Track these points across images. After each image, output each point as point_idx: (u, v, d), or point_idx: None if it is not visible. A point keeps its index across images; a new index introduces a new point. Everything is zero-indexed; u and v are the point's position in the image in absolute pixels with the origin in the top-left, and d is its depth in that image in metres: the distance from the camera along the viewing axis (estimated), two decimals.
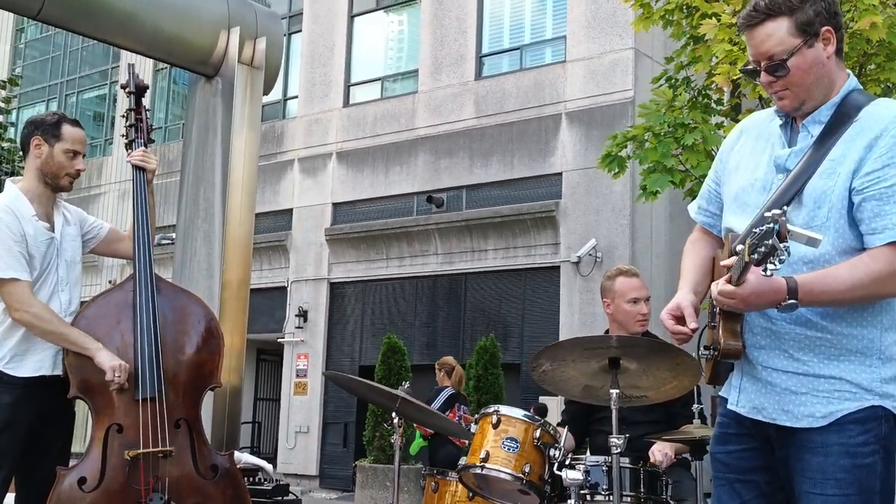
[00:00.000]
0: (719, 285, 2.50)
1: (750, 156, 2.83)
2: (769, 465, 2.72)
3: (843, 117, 2.63)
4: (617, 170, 10.67)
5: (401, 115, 18.91)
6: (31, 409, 4.00)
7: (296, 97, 20.86)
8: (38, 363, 4.04)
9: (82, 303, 4.29)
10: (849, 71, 2.77)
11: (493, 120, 17.49)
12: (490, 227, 17.09)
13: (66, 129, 4.22)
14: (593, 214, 15.91)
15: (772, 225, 2.19)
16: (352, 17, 20.28)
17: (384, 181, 18.86)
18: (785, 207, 2.29)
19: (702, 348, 2.81)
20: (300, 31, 20.92)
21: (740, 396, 2.74)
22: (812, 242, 2.26)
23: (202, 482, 4.07)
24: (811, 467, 2.57)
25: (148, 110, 4.71)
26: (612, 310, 4.82)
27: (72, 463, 4.03)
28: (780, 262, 2.22)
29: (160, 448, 3.93)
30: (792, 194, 2.60)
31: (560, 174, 16.54)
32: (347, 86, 20.05)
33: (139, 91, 4.65)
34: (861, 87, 2.74)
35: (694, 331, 2.73)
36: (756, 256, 2.25)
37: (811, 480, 2.57)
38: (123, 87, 4.69)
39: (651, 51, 15.91)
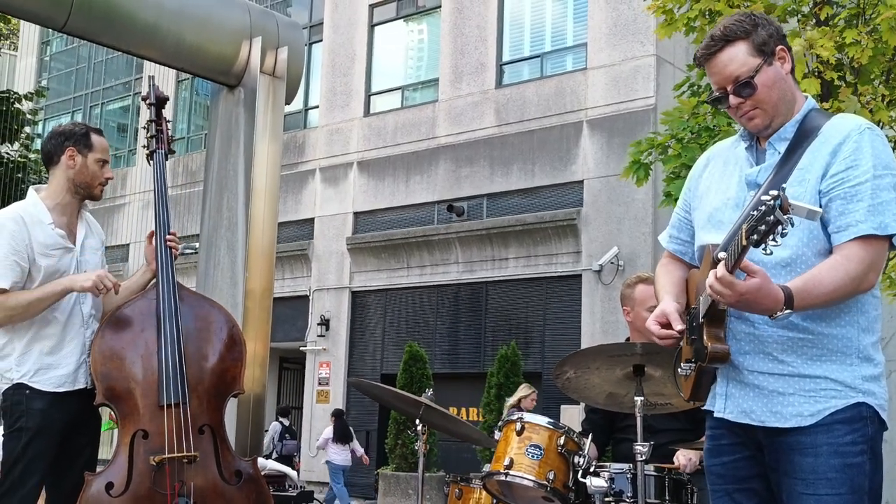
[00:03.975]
0: (717, 273, 2.49)
1: (720, 179, 2.93)
2: (765, 472, 2.77)
3: (806, 132, 2.76)
4: (642, 176, 10.63)
5: (421, 123, 18.94)
6: (61, 415, 4.03)
7: (317, 107, 20.95)
8: (62, 378, 4.05)
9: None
10: (806, 94, 2.91)
11: (514, 128, 17.49)
12: (511, 235, 17.09)
13: (95, 139, 4.27)
14: (615, 223, 15.88)
15: (772, 202, 2.24)
16: (372, 27, 20.35)
17: (405, 190, 18.90)
18: (784, 185, 2.36)
19: (681, 364, 2.83)
20: (321, 40, 21.02)
21: (727, 403, 2.79)
22: (812, 215, 2.32)
23: (227, 487, 4.09)
24: (802, 468, 2.62)
25: (169, 121, 4.75)
26: (631, 318, 4.80)
27: (98, 468, 4.06)
28: (783, 235, 2.28)
29: (185, 453, 3.95)
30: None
31: (581, 182, 16.53)
32: (368, 95, 20.12)
33: (159, 102, 4.70)
34: (818, 107, 2.88)
35: (681, 332, 2.78)
36: (756, 237, 2.28)
37: (803, 482, 2.62)
38: (144, 99, 4.75)
39: (673, 57, 15.88)
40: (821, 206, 2.64)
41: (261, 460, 4.78)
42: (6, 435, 4.03)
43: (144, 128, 4.73)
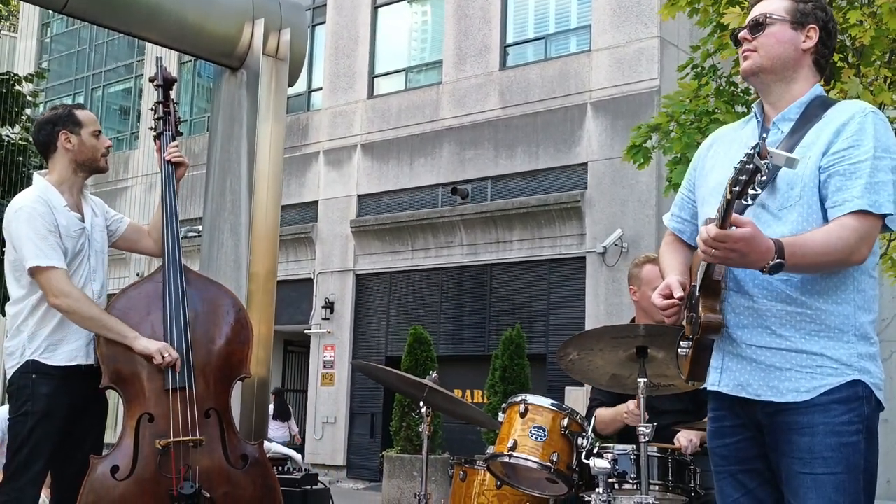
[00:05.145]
0: (708, 227, 2.54)
1: (724, 156, 2.97)
2: (765, 453, 2.81)
3: (810, 115, 2.82)
4: (642, 161, 10.61)
5: (425, 106, 18.90)
6: (66, 399, 4.05)
7: (320, 89, 20.91)
8: (73, 352, 4.09)
9: (110, 295, 4.33)
10: (818, 84, 2.95)
11: (518, 110, 17.46)
12: (515, 217, 17.08)
13: (81, 114, 4.32)
14: (619, 205, 15.86)
15: (752, 150, 2.33)
16: (375, 8, 20.29)
17: (409, 173, 18.88)
18: (764, 135, 2.47)
19: (680, 344, 2.89)
20: (324, 22, 20.95)
21: (723, 376, 2.83)
22: (790, 162, 2.40)
23: (232, 471, 4.10)
24: (799, 448, 2.67)
25: (176, 103, 4.75)
26: (638, 297, 4.80)
27: (104, 452, 4.08)
28: (762, 185, 2.37)
29: (190, 437, 3.96)
30: (766, 181, 2.69)
31: (585, 164, 16.50)
32: (372, 77, 20.07)
33: (167, 84, 4.70)
34: (825, 95, 2.95)
35: (681, 299, 2.84)
36: (738, 188, 2.37)
37: (800, 461, 2.66)
38: (152, 80, 4.76)
39: (677, 39, 15.83)
40: (820, 182, 2.70)
41: (266, 443, 4.78)
42: (12, 419, 4.06)
43: (152, 109, 4.73)
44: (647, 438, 3.70)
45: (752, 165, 2.34)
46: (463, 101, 18.34)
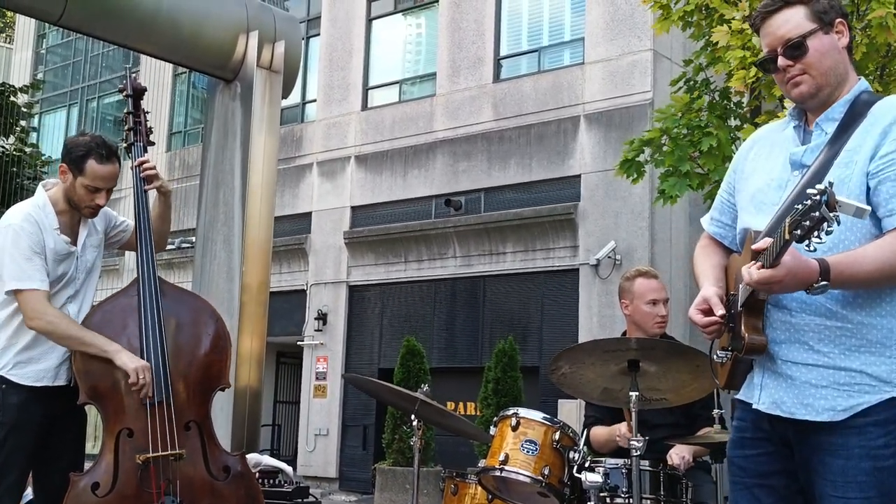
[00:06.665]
0: (752, 270, 2.44)
1: (765, 160, 2.85)
2: (787, 469, 2.70)
3: (856, 114, 2.67)
4: (635, 175, 10.65)
5: (419, 118, 18.92)
6: (39, 411, 4.01)
7: (314, 101, 20.91)
8: (41, 373, 4.05)
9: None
10: (860, 77, 2.81)
11: (512, 122, 17.47)
12: (508, 229, 17.08)
13: (90, 167, 4.12)
14: (612, 217, 15.88)
15: (819, 197, 2.17)
16: (370, 21, 20.31)
17: (402, 184, 18.88)
18: (831, 180, 2.27)
19: (716, 352, 2.77)
20: (318, 34, 20.98)
21: (762, 394, 2.70)
22: (860, 213, 2.25)
23: (215, 483, 4.07)
24: (832, 470, 2.55)
25: (147, 112, 4.66)
26: (630, 311, 4.81)
27: (86, 466, 4.05)
28: (828, 234, 2.21)
29: (170, 451, 3.93)
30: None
31: (579, 176, 16.51)
32: (366, 89, 20.09)
33: (137, 94, 4.61)
34: (871, 89, 2.79)
35: (722, 317, 2.70)
36: (799, 232, 2.22)
37: (832, 483, 2.55)
38: (121, 91, 4.66)
39: (670, 52, 15.87)
40: (869, 188, 2.56)
41: (256, 455, 4.76)
42: None
43: (122, 121, 4.66)
44: (638, 452, 3.71)
45: (817, 214, 2.17)
46: (456, 113, 18.36)
